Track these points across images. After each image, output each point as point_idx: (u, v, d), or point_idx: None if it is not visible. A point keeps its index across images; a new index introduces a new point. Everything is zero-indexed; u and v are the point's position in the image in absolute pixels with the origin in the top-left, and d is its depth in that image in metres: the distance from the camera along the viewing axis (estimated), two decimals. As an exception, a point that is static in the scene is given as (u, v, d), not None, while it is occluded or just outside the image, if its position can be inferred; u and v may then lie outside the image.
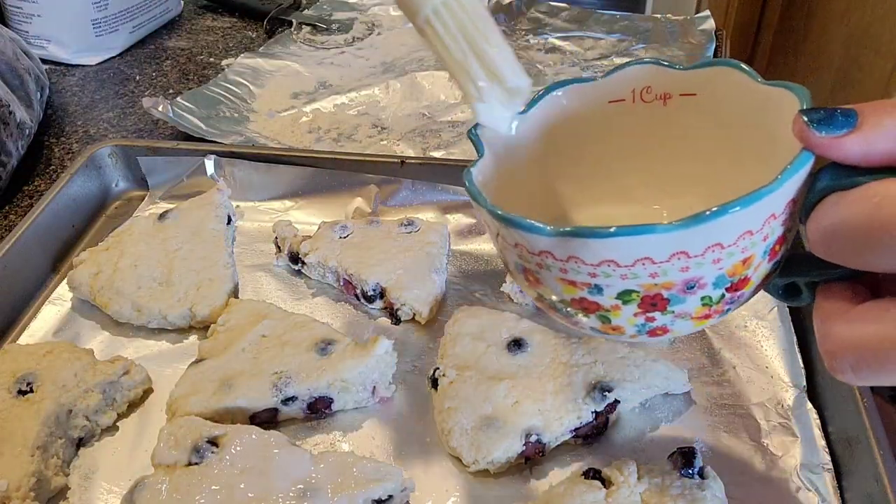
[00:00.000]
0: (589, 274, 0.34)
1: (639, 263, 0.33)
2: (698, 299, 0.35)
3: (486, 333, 0.58)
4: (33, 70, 0.90)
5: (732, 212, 0.32)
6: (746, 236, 0.33)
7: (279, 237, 0.69)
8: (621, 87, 0.45)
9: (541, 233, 0.34)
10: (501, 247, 0.38)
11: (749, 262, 0.34)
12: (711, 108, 0.43)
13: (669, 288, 0.34)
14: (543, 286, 0.37)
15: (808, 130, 0.32)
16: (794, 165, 0.32)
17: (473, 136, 0.42)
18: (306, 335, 0.57)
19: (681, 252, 0.33)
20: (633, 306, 0.36)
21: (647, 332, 0.37)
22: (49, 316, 0.64)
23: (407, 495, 0.49)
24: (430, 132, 0.89)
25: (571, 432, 0.53)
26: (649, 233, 0.32)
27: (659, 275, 0.34)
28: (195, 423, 0.51)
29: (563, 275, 0.35)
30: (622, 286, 0.35)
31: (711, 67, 0.42)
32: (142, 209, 0.75)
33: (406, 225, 0.68)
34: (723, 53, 1.04)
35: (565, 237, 0.33)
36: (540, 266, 0.36)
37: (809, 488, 0.50)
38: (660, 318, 0.36)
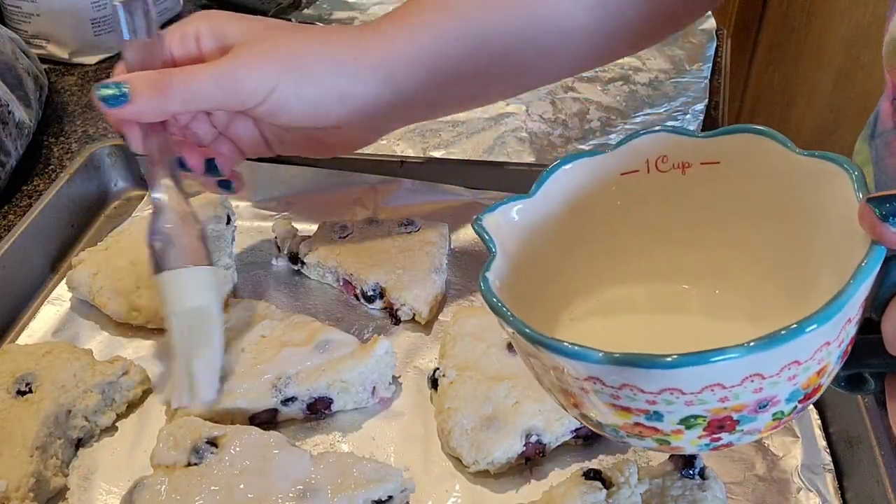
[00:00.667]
0: (647, 402, 0.31)
1: (707, 390, 0.30)
2: (770, 416, 0.32)
3: (487, 333, 0.58)
4: (32, 69, 0.90)
5: (811, 330, 0.28)
6: (824, 348, 0.30)
7: (279, 237, 0.69)
8: (634, 158, 0.41)
9: (589, 360, 0.30)
10: (533, 366, 0.35)
11: (824, 371, 0.32)
12: (737, 177, 0.39)
13: (740, 410, 0.31)
14: (588, 408, 0.33)
15: (882, 226, 0.29)
16: (869, 265, 0.29)
17: (481, 230, 0.38)
18: (306, 335, 0.57)
19: (755, 375, 0.30)
20: (699, 430, 0.32)
21: (710, 449, 0.34)
22: (48, 316, 0.64)
23: (407, 496, 0.49)
24: (430, 132, 0.89)
25: (572, 433, 0.52)
26: (718, 360, 0.28)
27: (730, 399, 0.30)
28: (194, 423, 0.50)
29: (615, 401, 0.31)
30: (686, 412, 0.31)
31: (736, 135, 0.38)
32: (141, 209, 0.75)
33: (406, 225, 0.68)
34: (723, 53, 1.04)
35: (618, 366, 0.29)
36: (585, 391, 0.32)
37: (810, 489, 0.50)
38: (727, 438, 0.33)
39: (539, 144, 0.86)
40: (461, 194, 0.74)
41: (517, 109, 0.91)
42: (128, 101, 0.51)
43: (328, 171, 0.75)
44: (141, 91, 0.51)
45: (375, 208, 0.74)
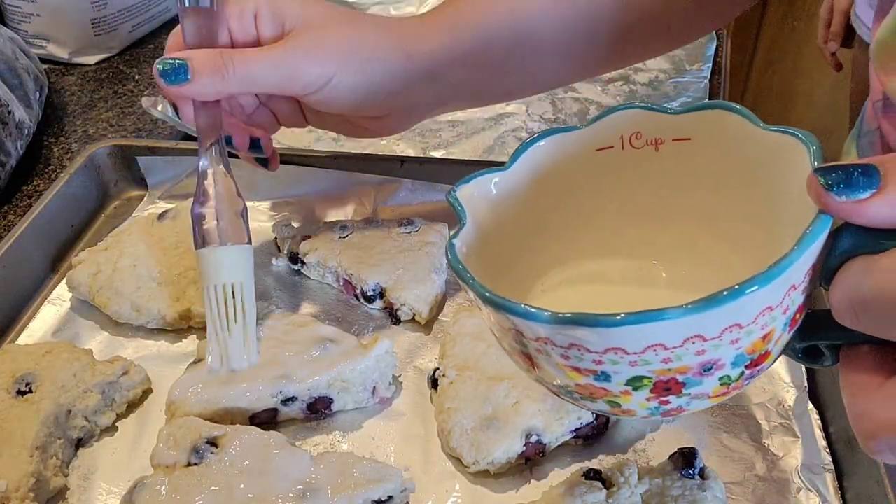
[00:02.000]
0: (594, 361, 0.31)
1: (650, 350, 0.30)
2: (716, 380, 0.32)
3: (486, 333, 0.57)
4: (32, 69, 0.90)
5: (750, 292, 0.28)
6: (766, 312, 0.30)
7: (278, 237, 0.69)
8: (609, 134, 0.42)
9: (539, 320, 0.31)
10: (494, 329, 0.36)
11: (769, 337, 0.32)
12: (708, 153, 0.40)
13: (684, 372, 0.31)
14: (543, 370, 0.34)
15: (827, 195, 0.29)
16: (813, 232, 0.29)
17: (454, 200, 0.39)
18: (306, 335, 0.57)
19: (696, 336, 0.30)
20: (645, 392, 0.33)
21: (660, 414, 0.35)
22: (48, 316, 0.64)
23: (407, 496, 0.49)
24: (430, 132, 0.89)
25: (572, 433, 0.52)
26: (659, 319, 0.29)
27: (672, 360, 0.31)
28: (194, 423, 0.50)
29: (566, 361, 0.32)
30: (632, 373, 0.32)
31: (705, 111, 0.39)
32: (141, 209, 0.75)
33: (406, 225, 0.68)
34: (723, 53, 1.04)
35: (565, 325, 0.30)
36: (539, 352, 0.33)
37: (810, 489, 0.50)
38: (675, 401, 0.33)
39: (539, 144, 0.86)
40: (461, 194, 0.74)
41: (517, 109, 0.91)
42: (187, 80, 0.52)
43: (328, 171, 0.75)
44: (201, 71, 0.52)
45: (375, 208, 0.74)
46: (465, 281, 0.34)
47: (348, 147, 0.87)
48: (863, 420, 0.30)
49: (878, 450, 0.29)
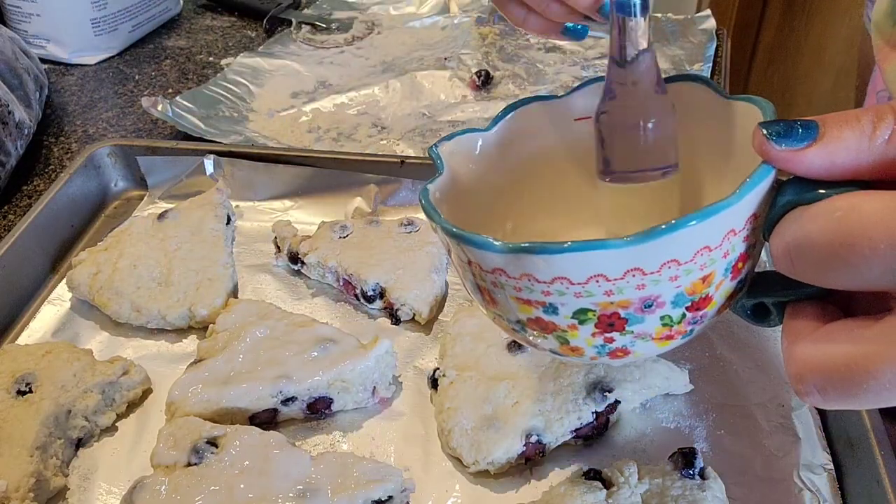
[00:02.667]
0: (543, 292, 0.33)
1: (592, 281, 0.32)
2: (657, 319, 0.34)
3: (486, 333, 0.58)
4: (32, 69, 0.90)
5: (688, 226, 0.30)
6: (704, 252, 0.32)
7: (278, 237, 0.69)
8: (586, 104, 0.43)
9: (492, 249, 0.33)
10: (457, 265, 0.37)
11: (709, 280, 0.33)
12: (680, 123, 0.41)
13: (626, 307, 0.33)
14: (499, 306, 0.36)
15: (768, 144, 0.31)
16: (753, 179, 0.31)
17: (434, 154, 0.41)
18: (306, 335, 0.57)
19: (635, 269, 0.31)
20: (591, 326, 0.34)
21: (607, 354, 0.36)
22: (48, 316, 0.64)
23: (407, 496, 0.49)
24: (430, 132, 0.89)
25: (572, 433, 0.52)
26: (601, 248, 0.31)
27: (614, 293, 0.32)
28: (194, 423, 0.50)
29: (518, 293, 0.34)
30: (577, 305, 0.33)
31: (677, 83, 0.41)
32: (141, 209, 0.75)
33: (406, 225, 0.68)
34: (723, 53, 1.04)
35: (516, 253, 0.32)
36: (494, 284, 0.35)
37: (810, 489, 0.50)
38: (619, 339, 0.35)
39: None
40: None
41: (517, 109, 0.91)
42: None
43: (328, 172, 0.75)
44: None
45: (375, 208, 0.74)
46: (431, 218, 0.36)
47: (348, 147, 0.87)
48: (793, 363, 0.31)
49: (805, 391, 0.30)
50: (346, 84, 0.99)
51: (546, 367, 0.55)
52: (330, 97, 0.95)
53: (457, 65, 1.01)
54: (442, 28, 1.13)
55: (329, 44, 1.09)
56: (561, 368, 0.54)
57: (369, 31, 1.13)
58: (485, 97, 0.96)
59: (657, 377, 0.55)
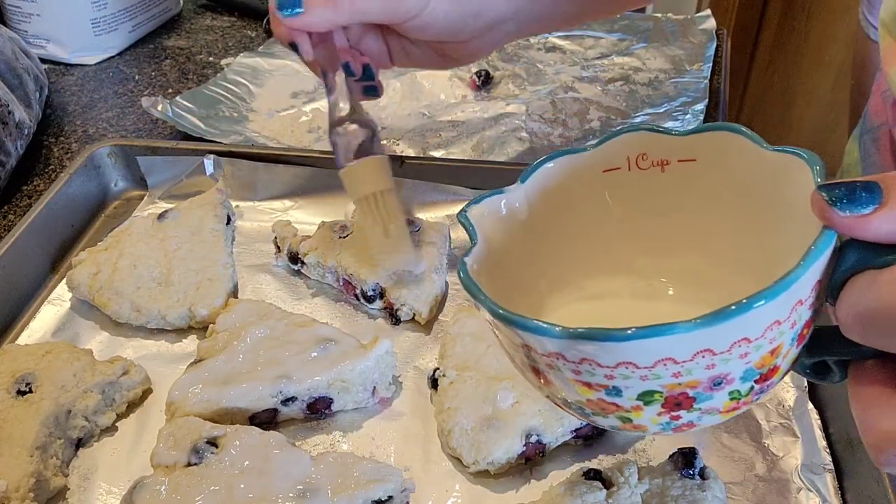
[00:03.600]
0: (606, 376, 0.32)
1: (660, 364, 0.31)
2: (726, 394, 0.33)
3: (486, 333, 0.58)
4: (32, 69, 0.90)
5: (758, 306, 0.29)
6: (774, 327, 0.31)
7: (278, 237, 0.69)
8: (615, 155, 0.42)
9: (549, 335, 0.31)
10: (505, 345, 0.36)
11: (777, 352, 0.32)
12: (712, 174, 0.40)
13: (695, 386, 0.32)
14: (555, 387, 0.34)
15: (831, 211, 0.29)
16: (818, 247, 0.30)
17: (464, 220, 0.40)
18: (306, 335, 0.57)
19: (705, 350, 0.30)
20: (657, 406, 0.33)
21: (672, 429, 0.35)
22: (48, 316, 0.64)
23: (407, 496, 0.49)
24: (430, 132, 0.89)
25: (572, 433, 0.52)
26: (669, 333, 0.29)
27: (682, 374, 0.31)
28: (194, 423, 0.50)
29: (577, 376, 0.33)
30: (643, 387, 0.32)
31: (710, 132, 0.40)
32: (141, 209, 0.75)
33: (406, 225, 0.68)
34: (723, 53, 1.04)
35: (576, 340, 0.31)
36: (550, 367, 0.33)
37: (810, 489, 0.50)
38: (685, 416, 0.34)
39: (539, 144, 0.86)
40: (461, 194, 0.74)
41: (517, 109, 0.91)
42: (301, 11, 0.58)
43: (328, 172, 0.75)
44: (314, 3, 0.59)
45: (375, 208, 0.74)
46: (476, 298, 0.34)
47: (348, 147, 0.87)
48: (872, 433, 0.30)
49: (886, 462, 0.29)
50: (346, 84, 0.99)
51: (546, 367, 0.55)
52: (330, 97, 0.95)
53: (457, 65, 1.01)
54: (442, 28, 1.13)
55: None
56: (561, 368, 0.54)
57: (369, 31, 1.13)
58: (485, 97, 0.96)
59: (657, 377, 0.54)
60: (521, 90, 0.97)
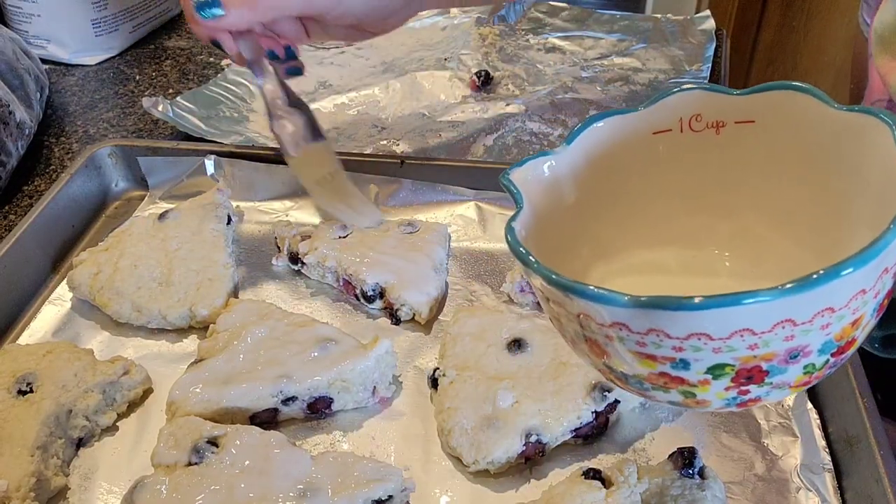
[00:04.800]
0: (673, 348, 0.30)
1: (736, 335, 0.29)
2: (801, 368, 0.31)
3: (486, 333, 0.58)
4: (33, 70, 0.90)
5: (846, 274, 0.27)
6: (859, 296, 0.29)
7: (278, 237, 0.69)
8: (667, 117, 0.40)
9: (615, 304, 0.29)
10: (557, 313, 0.34)
11: (858, 323, 0.31)
12: (773, 136, 0.38)
13: (770, 359, 0.30)
14: (613, 359, 0.33)
15: None
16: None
17: (508, 183, 0.37)
18: (306, 335, 0.57)
19: (786, 321, 0.29)
20: (726, 381, 0.31)
21: (736, 405, 0.33)
22: (49, 316, 0.64)
23: (407, 495, 0.49)
24: (430, 132, 0.89)
25: (572, 432, 0.53)
26: (749, 301, 0.27)
27: (759, 346, 0.29)
28: (195, 423, 0.51)
29: (641, 348, 0.31)
30: (714, 360, 0.30)
31: (772, 91, 0.37)
32: (142, 209, 0.75)
33: (406, 225, 0.68)
34: (723, 53, 1.04)
35: (646, 309, 0.29)
36: (609, 338, 0.31)
37: (810, 488, 0.50)
38: (754, 391, 0.32)
39: (539, 144, 0.86)
40: (461, 194, 0.74)
41: (517, 109, 0.92)
42: (221, 14, 0.60)
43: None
44: (232, 4, 0.60)
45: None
46: (527, 265, 0.32)
47: (348, 147, 0.87)
48: None
49: None
50: (347, 84, 0.99)
51: (546, 366, 0.55)
52: (330, 97, 0.95)
53: (457, 65, 1.01)
54: (442, 28, 1.13)
55: (329, 44, 1.09)
56: (561, 368, 0.55)
57: (369, 31, 1.13)
58: (485, 97, 0.96)
59: (657, 377, 0.55)
60: (521, 90, 0.97)
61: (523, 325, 0.58)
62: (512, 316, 0.60)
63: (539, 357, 0.56)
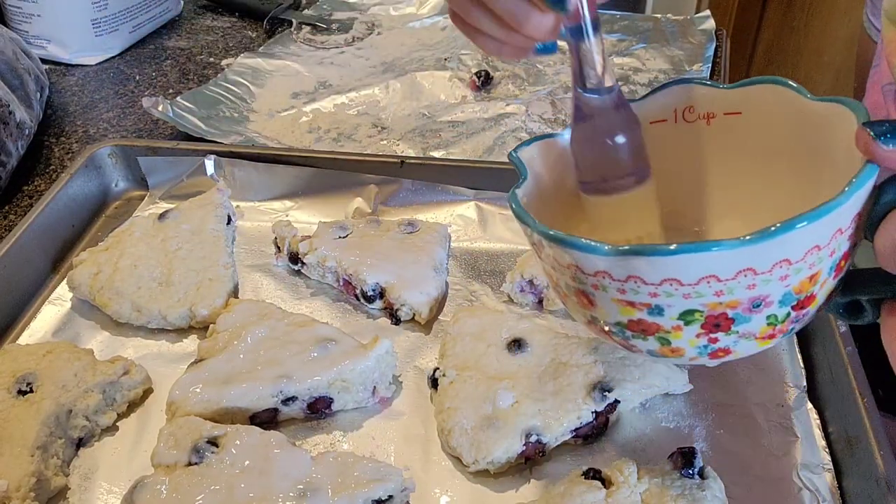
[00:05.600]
0: (649, 294, 0.33)
1: (703, 282, 0.32)
2: (764, 318, 0.34)
3: (486, 333, 0.58)
4: (33, 70, 0.90)
5: (800, 227, 0.30)
6: (814, 251, 0.32)
7: (278, 237, 0.69)
8: (663, 108, 0.44)
9: (598, 252, 0.33)
10: (552, 267, 0.37)
11: (816, 279, 0.33)
12: (758, 127, 0.42)
13: (735, 307, 0.33)
14: (598, 308, 0.36)
15: (874, 143, 0.31)
16: (860, 179, 0.31)
17: (515, 158, 0.41)
18: (306, 335, 0.57)
19: (748, 269, 0.32)
20: (696, 327, 0.34)
21: (708, 354, 0.36)
22: (49, 316, 0.64)
23: (407, 495, 0.49)
24: (430, 132, 0.89)
25: (571, 432, 0.53)
26: (714, 249, 0.31)
27: (724, 293, 0.32)
28: (195, 423, 0.51)
29: (622, 296, 0.34)
30: (685, 306, 0.33)
31: (756, 85, 0.41)
32: (142, 209, 0.75)
33: (406, 225, 0.68)
34: (723, 53, 1.04)
35: (625, 256, 0.32)
36: (596, 287, 0.34)
37: (809, 488, 0.50)
38: (723, 339, 0.35)
39: (539, 145, 0.86)
40: (461, 194, 0.74)
41: (517, 109, 0.92)
42: None
43: (328, 172, 0.75)
44: None
45: (375, 208, 0.74)
46: (525, 222, 0.36)
47: (348, 147, 0.87)
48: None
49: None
50: (347, 84, 0.99)
51: (546, 366, 0.55)
52: (330, 97, 0.95)
53: (457, 65, 1.01)
54: (442, 28, 1.13)
55: (329, 44, 1.09)
56: (561, 368, 0.55)
57: (369, 31, 1.13)
58: (485, 97, 0.96)
59: (657, 377, 0.55)
60: (521, 90, 0.97)
61: (523, 325, 0.58)
62: (512, 316, 0.60)
63: (539, 357, 0.56)
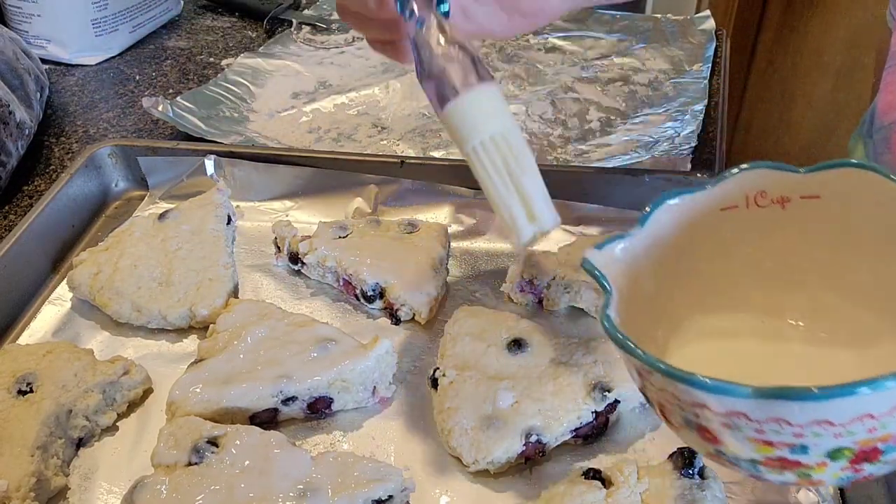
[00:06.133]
0: (794, 434, 0.31)
1: (857, 421, 0.30)
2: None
3: (486, 333, 0.58)
4: (33, 70, 0.90)
5: None
6: None
7: (278, 237, 0.69)
8: (734, 194, 0.42)
9: (737, 395, 0.30)
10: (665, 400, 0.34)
11: None
12: (839, 212, 0.40)
13: (887, 440, 0.31)
14: (726, 445, 0.33)
15: None
16: None
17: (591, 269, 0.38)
18: (306, 335, 0.57)
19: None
20: (843, 462, 0.32)
21: (848, 482, 0.34)
22: (49, 316, 0.64)
23: (407, 495, 0.49)
24: (430, 132, 0.89)
25: (572, 432, 0.53)
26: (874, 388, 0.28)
27: (878, 429, 0.30)
28: (195, 423, 0.51)
29: (759, 435, 0.31)
30: (834, 445, 0.31)
31: (837, 169, 0.39)
32: (142, 209, 0.75)
33: (406, 225, 0.68)
34: (723, 53, 1.04)
35: (768, 399, 0.30)
36: (726, 426, 0.32)
37: (810, 488, 0.50)
38: (868, 469, 0.33)
39: (539, 144, 0.86)
40: (461, 194, 0.74)
41: (517, 109, 0.92)
42: None
43: (328, 172, 0.75)
44: None
45: (375, 208, 0.74)
46: (634, 355, 0.33)
47: (348, 147, 0.87)
48: None
49: None
50: (347, 84, 0.99)
51: (546, 366, 0.55)
52: (330, 97, 0.95)
53: (457, 65, 1.01)
54: (442, 28, 1.13)
55: (329, 44, 1.09)
56: (561, 368, 0.55)
57: (369, 31, 1.13)
58: (485, 97, 0.96)
59: (657, 377, 0.55)
60: (521, 90, 0.97)
61: (523, 325, 0.58)
62: (512, 316, 0.60)
63: (539, 357, 0.56)
